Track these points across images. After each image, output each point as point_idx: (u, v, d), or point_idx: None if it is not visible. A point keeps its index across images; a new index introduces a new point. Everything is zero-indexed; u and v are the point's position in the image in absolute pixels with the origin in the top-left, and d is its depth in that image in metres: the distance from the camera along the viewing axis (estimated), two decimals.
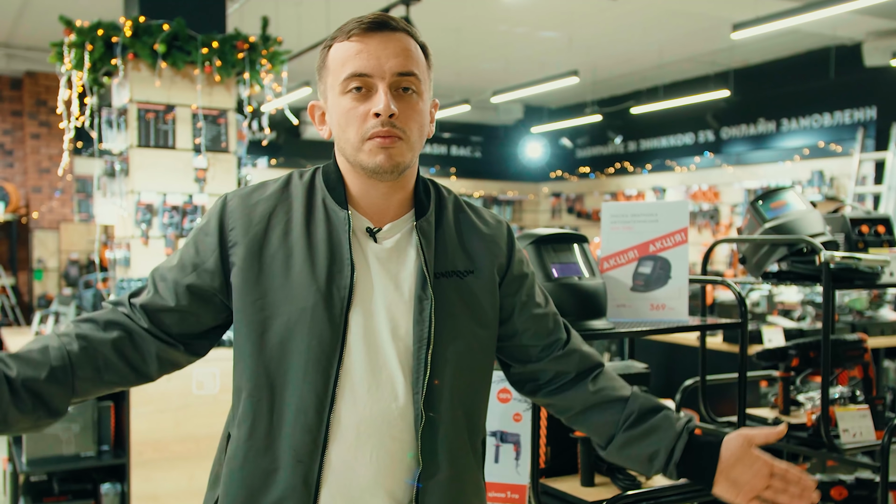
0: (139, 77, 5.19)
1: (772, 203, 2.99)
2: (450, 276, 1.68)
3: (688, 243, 2.50)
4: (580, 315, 2.28)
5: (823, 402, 2.73)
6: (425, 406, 1.62)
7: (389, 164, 1.59)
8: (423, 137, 1.67)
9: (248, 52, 5.35)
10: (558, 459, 2.47)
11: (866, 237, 2.97)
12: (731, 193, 11.83)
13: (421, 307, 1.63)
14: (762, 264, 2.97)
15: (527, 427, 2.27)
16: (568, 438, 2.45)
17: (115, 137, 5.37)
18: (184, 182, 5.30)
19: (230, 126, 5.41)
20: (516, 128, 15.98)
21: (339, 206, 1.65)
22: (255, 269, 1.61)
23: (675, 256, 2.50)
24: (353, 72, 1.58)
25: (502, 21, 9.84)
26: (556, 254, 2.35)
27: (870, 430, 2.82)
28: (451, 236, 1.72)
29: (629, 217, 2.54)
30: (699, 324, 2.45)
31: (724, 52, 11.04)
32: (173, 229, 5.21)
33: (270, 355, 1.60)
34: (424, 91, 1.65)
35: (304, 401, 1.58)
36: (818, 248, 2.74)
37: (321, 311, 1.58)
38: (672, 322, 2.45)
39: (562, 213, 15.23)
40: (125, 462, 4.72)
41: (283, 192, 1.68)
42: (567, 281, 2.29)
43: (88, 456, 4.68)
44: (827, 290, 2.71)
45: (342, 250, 1.61)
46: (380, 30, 1.60)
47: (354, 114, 1.59)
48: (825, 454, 2.82)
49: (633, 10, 9.23)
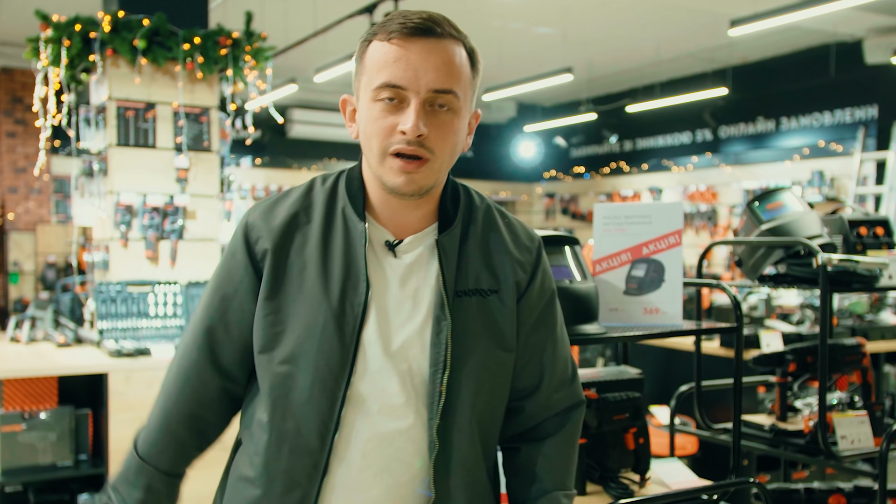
0: (118, 74, 5.19)
1: (768, 204, 3.00)
2: (472, 294, 1.62)
3: (682, 245, 2.51)
4: (571, 319, 2.28)
5: (821, 409, 2.74)
6: (439, 433, 1.58)
7: (410, 188, 1.55)
8: (454, 157, 1.61)
9: (232, 48, 5.34)
10: None
11: (865, 239, 2.98)
12: (730, 194, 11.86)
13: (439, 328, 1.58)
14: (758, 267, 2.99)
15: None
16: None
17: (94, 136, 5.35)
18: (165, 182, 5.29)
19: (213, 124, 5.41)
20: (509, 126, 15.98)
21: (358, 216, 1.60)
22: (273, 281, 1.59)
23: (669, 259, 2.51)
24: (387, 81, 1.52)
25: (496, 16, 9.85)
26: (547, 256, 2.36)
27: (868, 437, 2.84)
28: (476, 251, 1.66)
29: (622, 219, 2.54)
30: (693, 328, 2.46)
31: (722, 49, 11.06)
32: (154, 231, 5.20)
33: (275, 373, 1.58)
34: (463, 107, 1.59)
35: (306, 423, 1.56)
36: (815, 250, 2.75)
37: (331, 330, 1.55)
38: (666, 326, 2.46)
39: (556, 215, 15.25)
40: (104, 472, 4.66)
41: (304, 200, 1.64)
42: (558, 284, 2.29)
43: (65, 466, 4.63)
44: (824, 293, 2.73)
45: (358, 265, 1.57)
46: (424, 36, 1.52)
47: (382, 124, 1.53)
48: (823, 461, 2.84)
49: (630, 5, 9.26)
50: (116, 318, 4.99)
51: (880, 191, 9.40)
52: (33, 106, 5.35)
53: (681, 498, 2.34)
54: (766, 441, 3.04)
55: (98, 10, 5.25)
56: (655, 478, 2.48)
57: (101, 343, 4.94)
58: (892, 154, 9.30)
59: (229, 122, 5.60)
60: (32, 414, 4.60)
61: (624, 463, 2.53)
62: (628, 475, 2.50)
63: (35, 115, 5.40)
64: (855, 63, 9.95)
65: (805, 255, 2.87)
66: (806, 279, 2.91)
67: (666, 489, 2.40)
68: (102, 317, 4.98)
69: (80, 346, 5.11)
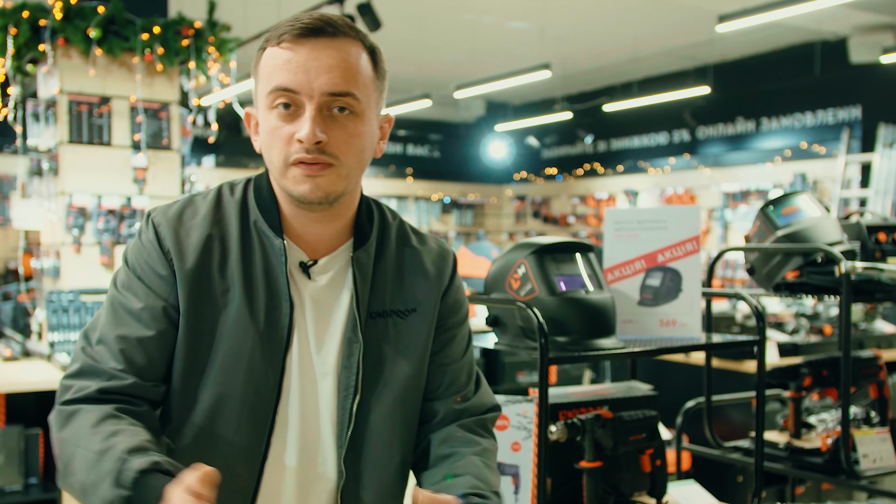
0: (70, 65, 5.08)
1: (784, 209, 2.95)
2: (387, 315, 1.63)
3: (700, 252, 2.46)
4: (587, 333, 2.23)
5: (844, 425, 2.70)
6: (346, 462, 1.57)
7: (316, 195, 1.50)
8: (362, 162, 1.56)
9: (194, 38, 5.26)
10: (560, 492, 2.40)
11: (884, 245, 2.94)
12: (708, 197, 11.90)
13: (350, 351, 1.59)
14: (774, 275, 2.93)
15: (527, 457, 2.21)
16: (572, 469, 2.38)
17: (43, 132, 5.26)
18: (121, 183, 5.20)
19: (173, 121, 5.32)
20: (478, 125, 15.91)
21: (274, 232, 1.57)
22: (193, 308, 1.52)
23: (687, 267, 2.46)
24: (278, 85, 1.48)
25: (469, 9, 9.80)
26: (558, 265, 2.30)
27: (890, 455, 2.79)
28: (391, 271, 1.66)
29: (635, 224, 2.50)
30: (717, 342, 2.40)
31: (703, 46, 11.07)
32: (109, 235, 5.09)
33: (200, 403, 1.53)
34: (367, 109, 1.54)
35: (233, 455, 1.52)
36: (838, 257, 2.70)
37: (258, 356, 1.53)
38: (684, 339, 2.41)
39: (527, 218, 15.24)
40: (56, 496, 4.58)
41: (215, 214, 1.58)
42: (573, 295, 2.23)
43: (14, 490, 4.55)
44: (847, 303, 2.68)
45: (279, 284, 1.56)
46: (314, 36, 1.48)
47: (279, 134, 1.49)
48: (844, 482, 2.78)
49: None
50: (69, 330, 4.86)
51: (865, 194, 9.44)
52: None
53: None
54: (781, 459, 2.98)
55: None
56: (672, 502, 2.41)
57: (51, 357, 4.82)
58: (877, 156, 9.34)
59: (191, 118, 5.51)
60: None
61: (638, 486, 2.46)
62: (643, 499, 2.43)
63: None
64: (839, 62, 10.00)
65: (825, 262, 2.81)
66: (826, 288, 2.85)
67: None
68: (53, 328, 4.85)
69: (29, 360, 4.99)
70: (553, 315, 2.21)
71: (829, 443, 2.86)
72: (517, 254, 2.31)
